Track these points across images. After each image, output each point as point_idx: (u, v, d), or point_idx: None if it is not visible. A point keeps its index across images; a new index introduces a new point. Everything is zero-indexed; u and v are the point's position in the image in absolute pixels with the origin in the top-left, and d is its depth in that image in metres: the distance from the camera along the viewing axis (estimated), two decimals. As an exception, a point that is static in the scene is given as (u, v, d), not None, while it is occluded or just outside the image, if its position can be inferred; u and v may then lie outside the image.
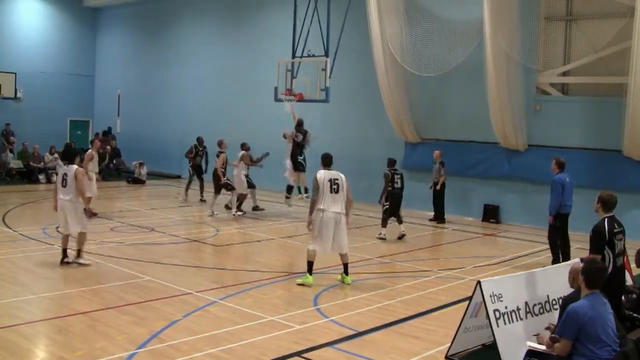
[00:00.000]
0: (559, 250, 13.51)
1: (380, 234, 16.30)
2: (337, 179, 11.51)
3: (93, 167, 18.46)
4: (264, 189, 21.60)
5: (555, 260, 13.17)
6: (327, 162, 11.92)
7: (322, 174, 11.56)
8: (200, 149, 22.35)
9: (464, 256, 14.74)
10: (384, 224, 16.37)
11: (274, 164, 20.31)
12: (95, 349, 8.03)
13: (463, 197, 20.30)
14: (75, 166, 12.60)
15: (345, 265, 11.74)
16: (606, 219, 8.02)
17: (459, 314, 8.09)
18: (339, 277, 11.88)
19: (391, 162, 16.78)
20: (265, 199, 21.33)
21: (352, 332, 8.94)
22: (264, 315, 9.55)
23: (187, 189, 22.60)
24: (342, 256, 11.67)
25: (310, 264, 11.54)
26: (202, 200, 21.91)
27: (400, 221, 16.45)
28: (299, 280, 11.56)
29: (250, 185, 20.14)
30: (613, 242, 7.90)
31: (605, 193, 8.19)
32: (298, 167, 19.12)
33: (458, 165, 19.70)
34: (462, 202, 20.28)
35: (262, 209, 20.27)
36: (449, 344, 7.96)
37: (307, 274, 11.51)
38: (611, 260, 7.85)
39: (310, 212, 11.55)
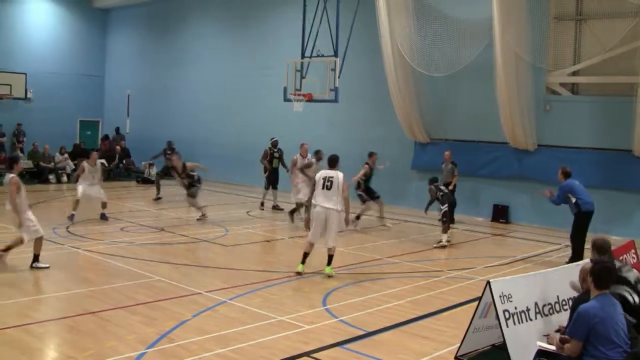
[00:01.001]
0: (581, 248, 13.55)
1: (440, 242, 15.71)
2: (332, 177, 12.08)
3: (85, 179, 17.65)
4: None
5: (574, 259, 13.09)
6: (330, 163, 12.55)
7: (320, 173, 12.40)
8: (275, 150, 20.96)
9: (473, 256, 14.71)
10: (446, 228, 15.82)
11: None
12: (105, 348, 8.05)
13: (472, 197, 20.28)
14: (11, 175, 12.20)
15: (330, 257, 12.24)
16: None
17: (468, 315, 8.07)
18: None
19: (432, 180, 16.44)
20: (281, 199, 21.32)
21: (361, 332, 8.94)
22: (273, 315, 9.55)
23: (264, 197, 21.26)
24: (329, 249, 12.21)
25: (304, 255, 12.32)
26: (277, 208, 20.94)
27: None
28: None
29: (274, 185, 20.63)
30: None
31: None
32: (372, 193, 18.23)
33: (467, 165, 19.66)
34: (472, 202, 20.25)
35: (282, 209, 20.22)
36: (458, 345, 7.94)
37: (300, 263, 12.28)
38: None
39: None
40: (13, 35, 30.82)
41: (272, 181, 20.77)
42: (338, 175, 12.11)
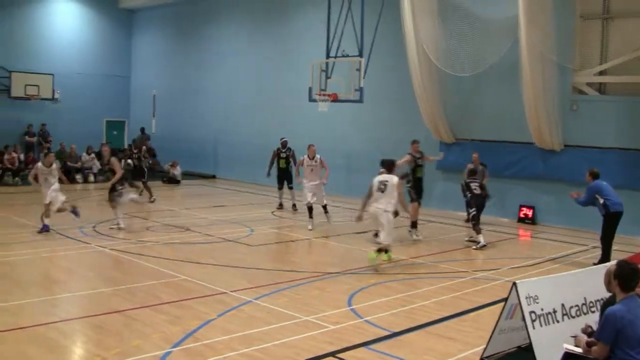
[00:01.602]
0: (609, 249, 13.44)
1: (479, 243, 15.55)
2: (387, 181, 13.06)
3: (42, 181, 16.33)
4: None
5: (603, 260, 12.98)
6: (388, 168, 13.49)
7: (377, 177, 13.32)
8: (283, 150, 20.89)
9: (499, 257, 14.63)
10: (478, 229, 15.74)
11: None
12: (130, 347, 8.12)
13: (498, 197, 20.14)
14: None
15: (383, 250, 13.09)
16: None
17: (494, 316, 8.03)
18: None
19: (471, 173, 16.43)
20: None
21: (386, 333, 8.93)
22: (298, 315, 9.57)
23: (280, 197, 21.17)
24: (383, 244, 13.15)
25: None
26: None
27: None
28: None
29: (287, 184, 20.63)
30: None
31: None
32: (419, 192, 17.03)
33: (493, 165, 19.53)
34: (497, 203, 20.09)
35: (297, 209, 20.31)
36: (484, 346, 7.91)
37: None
38: None
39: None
40: (40, 37, 31.16)
41: (282, 181, 20.78)
42: (392, 179, 13.07)
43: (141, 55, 34.34)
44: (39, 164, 16.41)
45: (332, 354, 8.09)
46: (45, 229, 15.73)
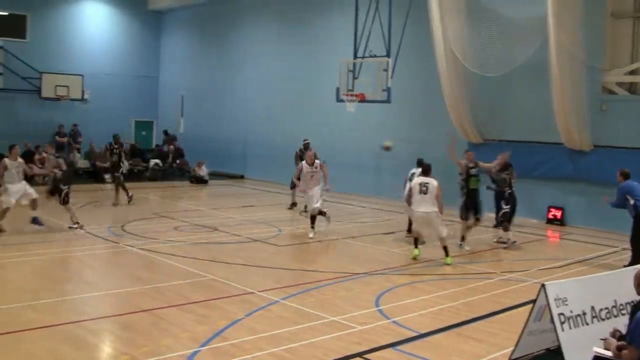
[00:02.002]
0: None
1: (509, 240, 15.55)
2: (428, 183, 13.39)
3: (9, 177, 15.95)
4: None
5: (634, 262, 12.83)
6: (425, 172, 13.75)
7: (416, 180, 13.72)
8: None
9: (527, 258, 14.52)
10: (507, 227, 15.62)
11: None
12: (159, 346, 8.18)
13: (526, 198, 19.92)
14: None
15: (445, 248, 13.66)
16: None
17: (522, 318, 7.98)
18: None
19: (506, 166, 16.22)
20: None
21: (413, 334, 8.91)
22: (326, 316, 9.58)
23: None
24: (442, 240, 13.65)
25: (415, 240, 14.08)
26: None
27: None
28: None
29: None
30: None
31: None
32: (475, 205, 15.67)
33: (521, 166, 19.33)
34: (526, 204, 19.88)
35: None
36: (512, 348, 7.86)
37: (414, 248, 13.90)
38: None
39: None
40: (70, 38, 31.54)
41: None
42: (432, 181, 13.39)
43: (169, 55, 34.57)
44: (6, 159, 16.00)
45: (360, 354, 8.08)
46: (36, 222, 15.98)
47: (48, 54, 30.34)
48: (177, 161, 30.47)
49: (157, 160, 30.05)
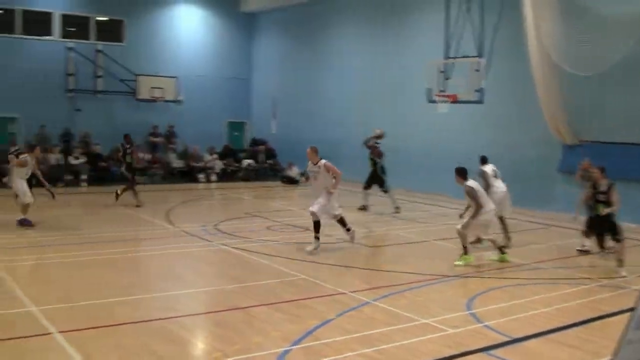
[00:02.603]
0: None
1: (584, 245, 15.09)
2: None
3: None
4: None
5: None
6: (464, 176, 13.41)
7: (475, 183, 13.44)
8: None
9: (627, 264, 14.02)
10: (588, 235, 14.86)
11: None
12: (251, 343, 8.33)
13: (626, 202, 19.23)
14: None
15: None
16: None
17: (621, 325, 7.75)
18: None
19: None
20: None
21: (506, 338, 8.78)
22: (417, 318, 9.55)
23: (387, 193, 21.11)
24: (494, 241, 13.76)
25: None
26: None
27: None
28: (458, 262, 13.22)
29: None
30: None
31: None
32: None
33: (619, 168, 18.73)
34: (625, 208, 19.23)
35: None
36: (609, 357, 7.65)
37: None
38: None
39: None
40: (165, 40, 32.40)
41: (369, 182, 20.93)
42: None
43: (261, 57, 35.02)
44: (28, 157, 16.50)
45: (451, 358, 8.04)
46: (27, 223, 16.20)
47: (143, 57, 31.29)
48: (269, 161, 30.91)
49: (250, 161, 30.58)
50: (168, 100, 31.13)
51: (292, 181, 28.08)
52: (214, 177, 28.75)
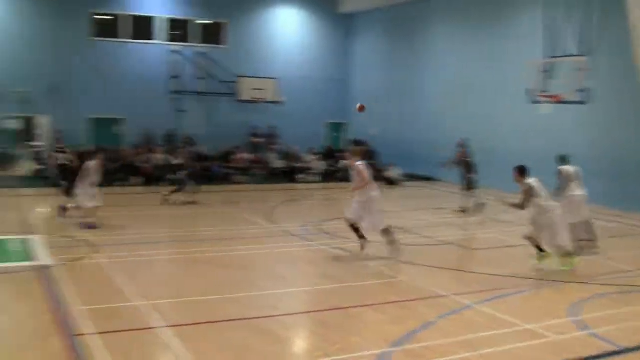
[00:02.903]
0: None
1: None
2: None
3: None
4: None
5: None
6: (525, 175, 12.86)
7: (535, 183, 12.78)
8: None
9: None
10: None
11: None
12: (351, 344, 8.45)
13: None
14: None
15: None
16: None
17: None
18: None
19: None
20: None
21: (613, 348, 8.56)
22: (519, 323, 9.43)
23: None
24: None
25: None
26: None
27: None
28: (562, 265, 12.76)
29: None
30: None
31: None
32: None
33: None
34: None
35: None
36: None
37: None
38: None
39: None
40: (265, 43, 33.07)
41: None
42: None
43: (360, 58, 35.12)
44: (92, 162, 16.43)
45: (557, 365, 7.93)
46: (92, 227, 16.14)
47: (244, 59, 32.00)
48: (369, 162, 30.94)
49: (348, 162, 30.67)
50: (269, 102, 31.59)
51: (391, 182, 28.03)
52: (315, 178, 28.96)
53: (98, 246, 13.99)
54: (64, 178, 18.51)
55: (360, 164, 13.67)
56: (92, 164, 16.33)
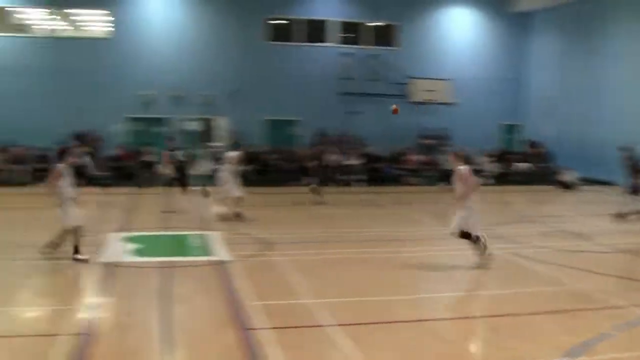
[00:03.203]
0: None
1: None
2: None
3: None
4: None
5: None
6: None
7: None
8: None
9: None
10: None
11: None
12: (523, 351, 8.22)
13: None
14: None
15: None
16: None
17: None
18: None
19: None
20: None
21: None
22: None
23: None
24: None
25: None
26: None
27: None
28: None
29: None
30: None
31: None
32: None
33: None
34: None
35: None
36: None
37: None
38: None
39: None
40: (437, 44, 32.84)
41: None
42: None
43: (537, 57, 34.01)
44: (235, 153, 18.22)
45: None
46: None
47: (416, 60, 31.95)
48: (543, 165, 30.08)
49: (525, 164, 30.02)
50: (441, 103, 31.33)
51: (566, 186, 26.98)
52: (488, 180, 28.40)
53: (272, 244, 14.49)
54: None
55: (464, 168, 12.63)
56: (236, 155, 18.09)
